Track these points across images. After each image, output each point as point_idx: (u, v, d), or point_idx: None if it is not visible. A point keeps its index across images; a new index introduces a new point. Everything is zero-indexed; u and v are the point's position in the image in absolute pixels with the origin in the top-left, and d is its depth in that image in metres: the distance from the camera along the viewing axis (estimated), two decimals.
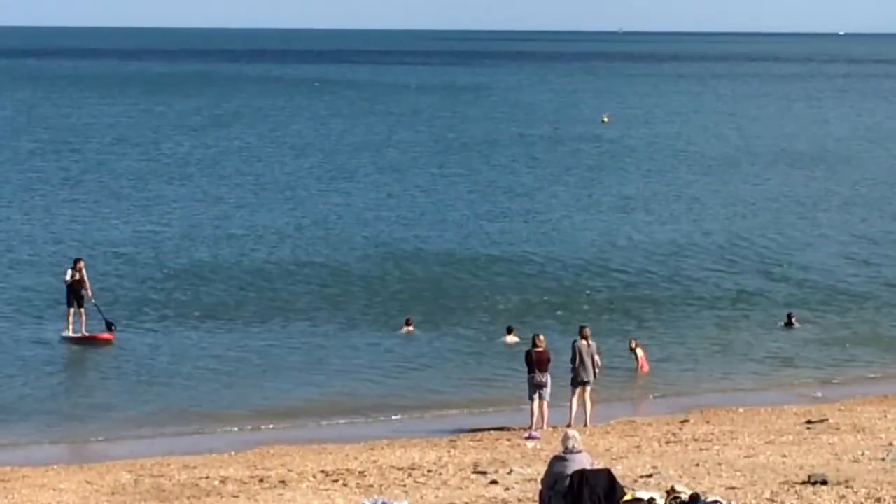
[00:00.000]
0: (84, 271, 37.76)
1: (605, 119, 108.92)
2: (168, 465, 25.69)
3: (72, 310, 37.36)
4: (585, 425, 28.37)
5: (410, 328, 38.19)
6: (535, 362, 28.28)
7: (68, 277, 37.48)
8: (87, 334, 37.05)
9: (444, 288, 44.07)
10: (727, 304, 42.05)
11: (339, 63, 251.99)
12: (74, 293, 37.36)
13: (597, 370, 29.04)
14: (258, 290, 43.39)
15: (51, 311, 39.67)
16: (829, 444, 25.28)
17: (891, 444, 24.99)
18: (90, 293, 37.70)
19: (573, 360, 28.78)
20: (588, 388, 28.84)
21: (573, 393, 28.88)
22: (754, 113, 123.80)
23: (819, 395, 32.19)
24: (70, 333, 37.20)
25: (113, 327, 37.45)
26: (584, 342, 28.89)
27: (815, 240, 53.78)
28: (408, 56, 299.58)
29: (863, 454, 23.84)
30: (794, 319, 39.01)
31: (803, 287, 44.82)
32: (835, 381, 33.81)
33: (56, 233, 53.68)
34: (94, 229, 54.42)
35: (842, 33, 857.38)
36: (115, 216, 57.78)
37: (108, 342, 36.72)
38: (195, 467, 25.29)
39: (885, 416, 28.58)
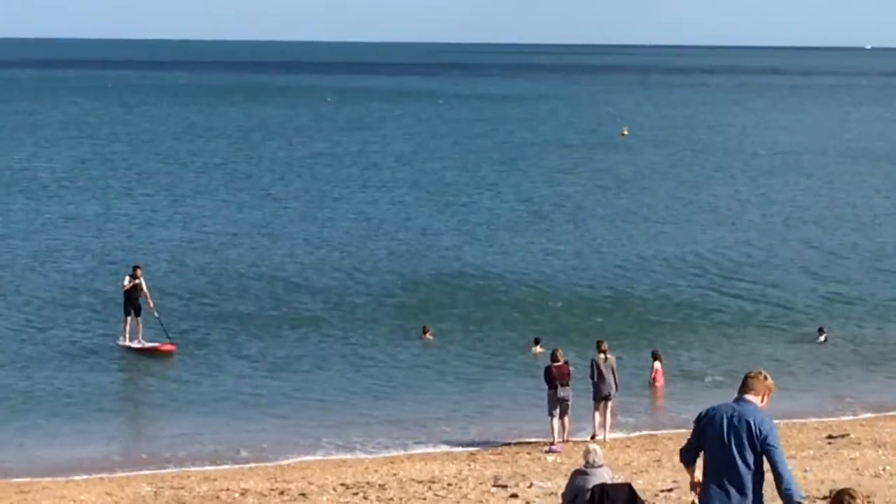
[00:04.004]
0: (142, 280, 37.13)
1: (625, 132, 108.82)
2: (188, 476, 25.73)
3: (128, 318, 36.77)
4: (604, 439, 28.31)
5: (428, 336, 38.20)
6: (556, 376, 28.25)
7: (126, 284, 36.92)
8: (146, 345, 36.38)
9: (466, 299, 43.99)
10: (750, 318, 41.82)
11: (374, 74, 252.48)
12: (131, 301, 36.74)
13: (616, 384, 29.02)
14: (276, 301, 43.30)
15: (109, 318, 39.43)
16: (851, 459, 25.16)
17: None
18: (151, 304, 37.07)
19: (592, 376, 28.79)
20: (610, 402, 28.84)
21: (595, 407, 28.86)
22: (782, 123, 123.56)
23: (839, 408, 32.04)
24: (126, 342, 36.59)
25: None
26: (601, 356, 28.91)
27: (848, 252, 53.32)
28: (433, 68, 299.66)
29: (884, 469, 23.73)
30: (825, 334, 38.70)
31: (831, 301, 44.51)
32: (856, 396, 33.62)
33: (104, 241, 53.91)
34: (136, 237, 54.72)
35: (868, 47, 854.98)
36: (143, 226, 57.95)
37: (169, 354, 36.00)
38: (215, 479, 25.31)
39: None
